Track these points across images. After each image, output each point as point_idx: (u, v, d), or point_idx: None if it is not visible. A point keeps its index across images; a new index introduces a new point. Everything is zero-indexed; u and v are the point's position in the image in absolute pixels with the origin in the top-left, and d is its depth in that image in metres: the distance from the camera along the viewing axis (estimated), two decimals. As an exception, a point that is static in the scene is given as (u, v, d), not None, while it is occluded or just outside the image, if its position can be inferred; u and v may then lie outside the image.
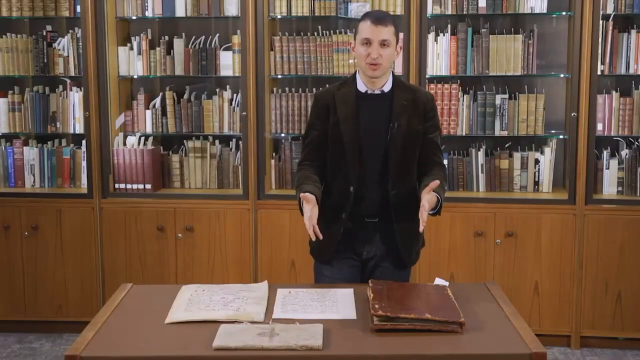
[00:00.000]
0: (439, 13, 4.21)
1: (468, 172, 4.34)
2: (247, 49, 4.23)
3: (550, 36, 4.37)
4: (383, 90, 2.78)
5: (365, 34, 2.70)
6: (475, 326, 2.23)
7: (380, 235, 2.80)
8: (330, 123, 2.78)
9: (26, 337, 4.45)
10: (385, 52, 2.69)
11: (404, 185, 2.78)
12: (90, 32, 4.28)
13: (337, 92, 2.80)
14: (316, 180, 2.77)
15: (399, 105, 2.76)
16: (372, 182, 2.78)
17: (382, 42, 2.68)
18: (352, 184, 2.76)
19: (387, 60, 2.71)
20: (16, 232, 4.41)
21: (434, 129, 2.83)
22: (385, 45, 2.69)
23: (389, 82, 2.79)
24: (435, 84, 4.25)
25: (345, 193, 2.77)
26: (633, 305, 4.14)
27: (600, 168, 4.24)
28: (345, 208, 2.78)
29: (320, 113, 2.81)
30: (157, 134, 4.51)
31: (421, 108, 2.78)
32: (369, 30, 2.69)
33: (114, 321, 2.33)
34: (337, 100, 2.78)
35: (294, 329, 2.16)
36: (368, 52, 2.69)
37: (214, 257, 4.36)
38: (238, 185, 4.45)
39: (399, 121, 2.74)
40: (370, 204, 2.77)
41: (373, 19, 2.69)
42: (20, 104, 4.53)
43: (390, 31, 2.70)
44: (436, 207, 2.69)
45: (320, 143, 2.82)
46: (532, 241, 4.16)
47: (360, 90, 2.79)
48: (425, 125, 2.80)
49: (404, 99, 2.77)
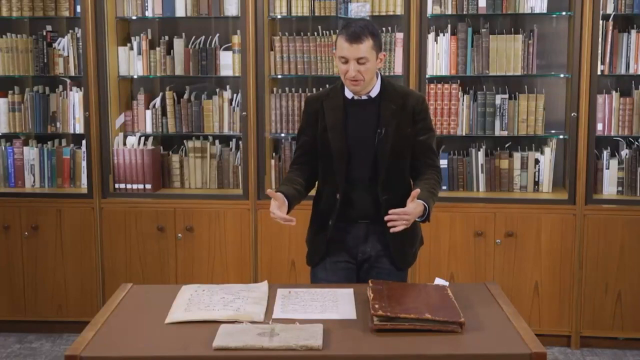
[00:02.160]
0: (439, 13, 4.21)
1: (468, 172, 4.34)
2: (247, 49, 4.23)
3: (550, 36, 4.37)
4: (370, 95, 2.75)
5: (341, 52, 2.65)
6: (475, 326, 2.23)
7: (374, 236, 2.79)
8: (319, 129, 2.78)
9: (26, 337, 4.45)
10: (363, 67, 2.64)
11: (395, 190, 2.75)
12: (90, 32, 4.28)
13: (326, 99, 2.80)
14: (299, 183, 2.77)
15: (387, 110, 2.72)
16: (361, 188, 2.76)
17: (358, 59, 2.63)
18: (338, 190, 2.75)
19: (367, 74, 2.66)
20: (16, 232, 4.41)
21: (425, 131, 2.78)
22: (363, 63, 2.63)
23: (376, 86, 2.75)
24: (435, 84, 4.25)
25: (332, 199, 2.78)
26: (633, 305, 4.14)
27: (600, 168, 4.24)
28: (332, 214, 2.78)
29: (310, 119, 2.81)
30: (157, 134, 4.51)
31: (410, 111, 2.74)
32: (345, 48, 2.63)
33: (114, 321, 2.33)
34: (326, 107, 2.77)
35: (294, 329, 2.16)
36: (347, 69, 2.65)
37: (214, 257, 4.36)
38: (238, 185, 4.45)
39: (387, 127, 2.71)
40: (360, 209, 2.76)
41: (348, 36, 2.62)
42: (20, 104, 4.53)
43: (367, 47, 2.63)
44: (423, 214, 2.65)
45: (310, 148, 2.83)
46: (532, 241, 4.16)
47: (347, 97, 2.77)
48: (416, 128, 2.76)
49: (393, 103, 2.73)
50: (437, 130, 4.26)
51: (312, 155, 2.83)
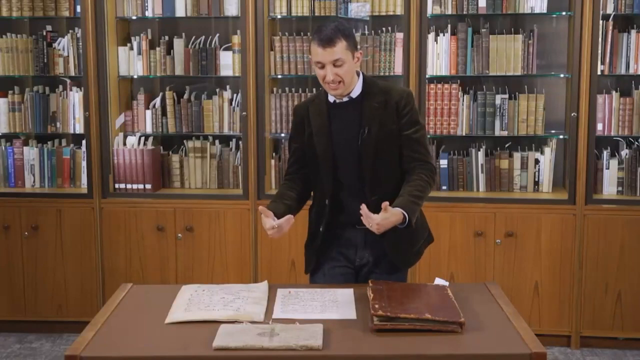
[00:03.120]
0: (439, 13, 4.21)
1: (468, 172, 4.34)
2: (247, 49, 4.23)
3: (550, 36, 4.37)
4: (351, 97, 2.73)
5: (316, 58, 2.63)
6: (475, 326, 2.23)
7: (371, 241, 2.75)
8: (305, 136, 2.78)
9: (26, 337, 4.45)
10: (341, 70, 2.62)
11: (384, 190, 2.69)
12: (90, 32, 4.28)
13: (311, 104, 2.80)
14: (289, 197, 2.77)
15: (369, 109, 2.70)
16: (351, 191, 2.74)
17: (334, 62, 2.61)
18: (326, 196, 2.75)
19: (346, 76, 2.64)
20: (16, 232, 4.41)
21: (410, 125, 2.71)
22: (339, 65, 2.61)
23: (357, 87, 2.73)
24: (435, 84, 4.25)
25: (322, 205, 2.78)
26: (633, 305, 4.14)
27: (600, 168, 4.24)
28: (322, 220, 2.77)
29: (298, 127, 2.82)
30: (157, 134, 4.51)
31: (393, 107, 2.70)
32: (319, 53, 2.61)
33: (114, 321, 2.33)
34: (311, 113, 2.77)
35: (294, 329, 2.16)
36: (324, 74, 2.63)
37: (214, 257, 4.36)
38: (238, 185, 4.45)
39: (370, 125, 2.68)
40: (350, 213, 2.71)
41: (321, 41, 2.60)
42: (20, 104, 4.53)
43: (340, 49, 2.60)
44: (403, 222, 2.56)
45: (301, 156, 2.83)
46: (532, 241, 4.16)
47: (330, 100, 2.76)
48: (400, 123, 2.71)
49: (375, 101, 2.71)
50: (437, 130, 4.27)
51: (303, 163, 2.83)
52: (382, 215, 2.50)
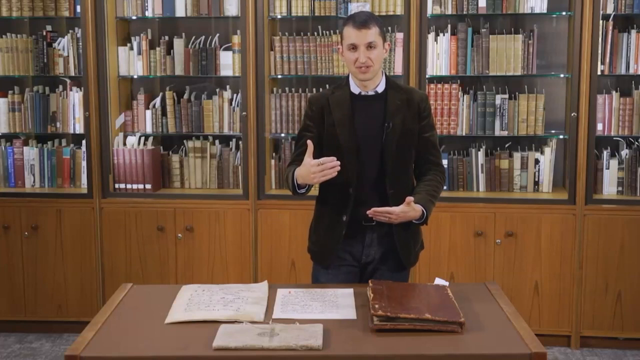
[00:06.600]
0: (439, 13, 4.21)
1: (468, 172, 4.34)
2: (247, 49, 4.23)
3: (550, 36, 4.37)
4: (377, 91, 2.79)
5: (351, 40, 2.70)
6: (475, 326, 2.23)
7: (379, 238, 2.80)
8: (325, 126, 2.78)
9: (26, 337, 4.45)
10: (372, 54, 2.69)
11: (401, 185, 2.78)
12: (90, 32, 4.28)
13: (332, 96, 2.81)
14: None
15: (393, 105, 2.76)
16: (370, 183, 2.77)
17: (368, 44, 2.69)
18: (351, 185, 2.76)
19: (376, 62, 2.72)
20: (16, 232, 4.42)
21: (429, 129, 2.83)
22: (372, 47, 2.69)
23: (382, 82, 2.80)
24: (435, 84, 4.25)
25: (345, 195, 2.77)
26: (633, 305, 4.14)
27: (600, 168, 4.24)
28: (346, 210, 2.77)
29: (315, 116, 2.81)
30: (157, 134, 4.51)
31: (415, 107, 2.79)
32: (354, 35, 2.69)
33: (114, 321, 2.33)
34: (332, 103, 2.79)
35: (294, 329, 2.16)
36: (356, 57, 2.70)
37: (214, 257, 4.36)
38: (238, 185, 4.45)
39: (394, 121, 2.74)
40: (369, 205, 2.73)
41: (356, 23, 2.69)
42: (20, 104, 4.53)
43: (375, 32, 2.70)
44: (421, 218, 2.70)
45: (315, 146, 2.79)
46: (532, 241, 4.16)
47: (354, 92, 2.79)
48: (420, 124, 2.80)
49: (398, 98, 2.78)
50: (437, 130, 4.25)
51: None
52: (402, 208, 2.62)
